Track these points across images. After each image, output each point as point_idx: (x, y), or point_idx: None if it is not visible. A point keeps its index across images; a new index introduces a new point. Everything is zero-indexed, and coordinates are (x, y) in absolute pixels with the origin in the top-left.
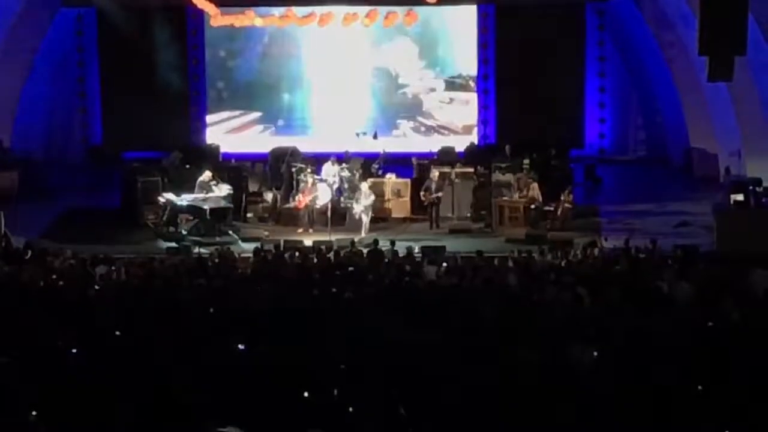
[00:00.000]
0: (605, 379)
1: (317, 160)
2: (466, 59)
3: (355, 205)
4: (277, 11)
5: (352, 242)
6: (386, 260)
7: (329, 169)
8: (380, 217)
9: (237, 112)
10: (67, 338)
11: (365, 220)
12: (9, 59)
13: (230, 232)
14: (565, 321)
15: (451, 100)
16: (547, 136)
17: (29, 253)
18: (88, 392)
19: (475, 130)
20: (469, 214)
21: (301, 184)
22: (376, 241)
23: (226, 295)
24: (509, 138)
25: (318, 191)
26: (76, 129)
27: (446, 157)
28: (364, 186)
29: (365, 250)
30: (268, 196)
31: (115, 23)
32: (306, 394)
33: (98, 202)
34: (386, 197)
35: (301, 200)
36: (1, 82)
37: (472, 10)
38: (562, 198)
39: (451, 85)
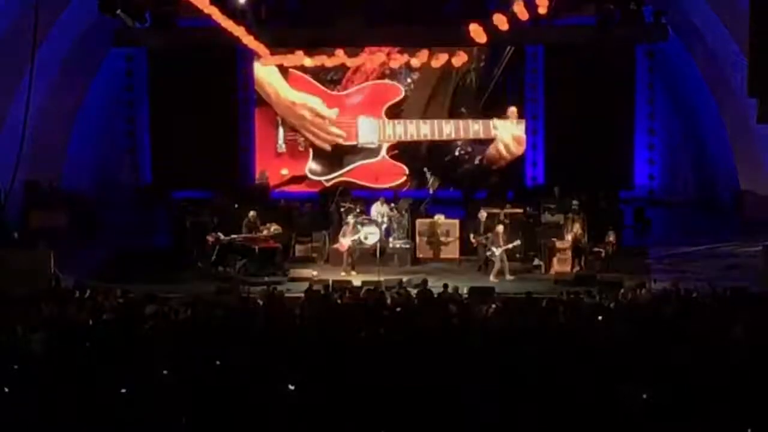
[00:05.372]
0: (656, 421)
1: (366, 200)
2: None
3: (494, 249)
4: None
5: (400, 282)
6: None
7: (378, 209)
8: (428, 257)
9: None
10: (116, 378)
11: (498, 265)
12: (59, 98)
13: (279, 272)
14: (615, 362)
15: None
16: (597, 178)
17: (78, 292)
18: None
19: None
20: (518, 255)
21: (343, 227)
22: (425, 282)
23: (275, 335)
24: (558, 179)
25: (360, 233)
26: (126, 168)
27: (495, 198)
28: (500, 228)
29: (414, 291)
30: (317, 236)
31: (165, 63)
32: None
33: (147, 242)
34: (434, 238)
35: (343, 244)
36: (51, 122)
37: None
38: (606, 239)
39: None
